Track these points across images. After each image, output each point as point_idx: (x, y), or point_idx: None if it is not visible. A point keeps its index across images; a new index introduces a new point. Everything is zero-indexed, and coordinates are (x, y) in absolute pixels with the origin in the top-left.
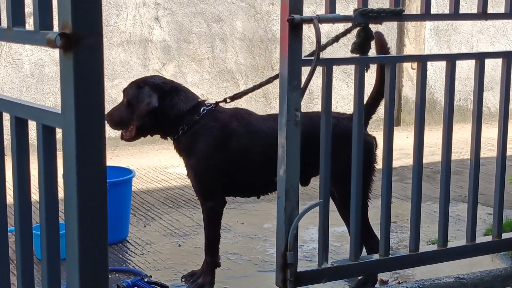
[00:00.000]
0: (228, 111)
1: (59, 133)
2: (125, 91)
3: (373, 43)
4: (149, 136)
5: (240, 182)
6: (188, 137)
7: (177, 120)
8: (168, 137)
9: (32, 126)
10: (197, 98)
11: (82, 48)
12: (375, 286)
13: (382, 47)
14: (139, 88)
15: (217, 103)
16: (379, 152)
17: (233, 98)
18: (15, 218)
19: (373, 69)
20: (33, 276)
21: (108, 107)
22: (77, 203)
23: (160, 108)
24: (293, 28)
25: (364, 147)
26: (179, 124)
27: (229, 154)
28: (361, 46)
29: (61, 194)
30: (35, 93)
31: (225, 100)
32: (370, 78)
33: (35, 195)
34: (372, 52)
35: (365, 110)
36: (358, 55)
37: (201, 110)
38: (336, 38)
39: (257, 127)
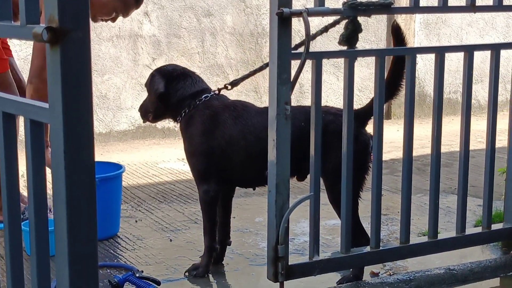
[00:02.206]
0: (225, 101)
1: None
2: (145, 83)
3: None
4: (143, 131)
5: (232, 171)
6: (185, 120)
7: (180, 104)
8: (176, 120)
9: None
10: (203, 85)
11: (69, 42)
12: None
13: (398, 40)
14: (152, 77)
15: (219, 90)
16: None
17: (233, 84)
18: (4, 214)
19: (363, 62)
20: (23, 272)
21: (98, 102)
22: (65, 198)
23: (167, 93)
24: (283, 21)
25: (359, 146)
26: (182, 108)
27: (216, 142)
28: (348, 38)
29: (50, 190)
30: None
31: (226, 87)
32: (360, 71)
33: (24, 191)
34: (363, 45)
35: (368, 108)
36: (345, 47)
37: (204, 96)
38: (325, 29)
39: (246, 120)
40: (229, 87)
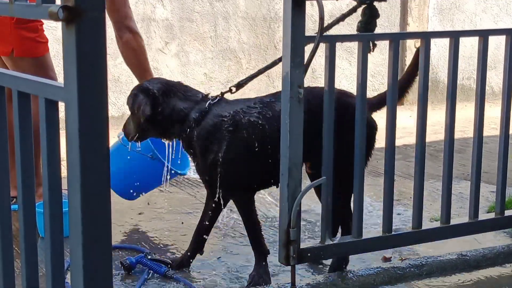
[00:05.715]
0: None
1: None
2: (127, 101)
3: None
4: None
5: None
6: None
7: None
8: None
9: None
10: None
11: (84, 21)
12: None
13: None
14: (134, 97)
15: (222, 93)
16: (383, 131)
17: (239, 85)
18: (18, 195)
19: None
20: (37, 253)
21: (111, 86)
22: (80, 179)
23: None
24: (296, 4)
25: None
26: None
27: None
28: (367, 24)
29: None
30: None
31: (230, 90)
32: (373, 56)
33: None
34: (376, 30)
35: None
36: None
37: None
38: (343, 17)
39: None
40: (234, 89)
